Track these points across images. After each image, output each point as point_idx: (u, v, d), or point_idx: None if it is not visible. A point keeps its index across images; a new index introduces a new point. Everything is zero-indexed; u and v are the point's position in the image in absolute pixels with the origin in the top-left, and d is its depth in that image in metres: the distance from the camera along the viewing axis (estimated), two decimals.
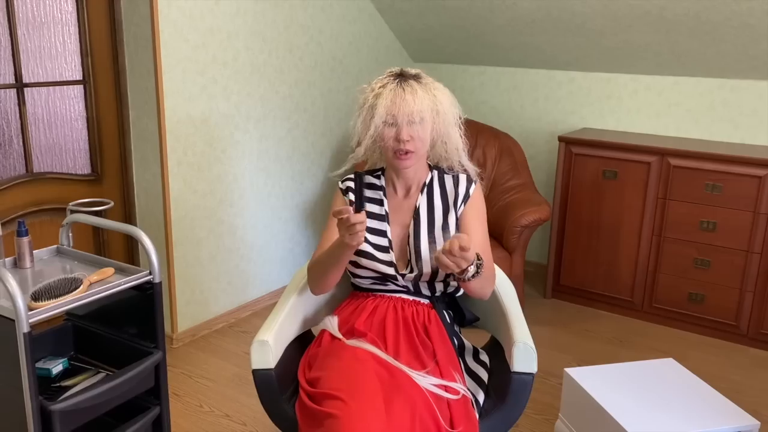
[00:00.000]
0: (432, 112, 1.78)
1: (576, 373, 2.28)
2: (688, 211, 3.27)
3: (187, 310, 3.16)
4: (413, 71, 1.83)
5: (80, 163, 2.93)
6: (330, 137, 3.82)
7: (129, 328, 1.83)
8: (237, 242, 3.34)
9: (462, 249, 1.53)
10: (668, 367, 2.35)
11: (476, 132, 3.68)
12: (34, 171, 2.76)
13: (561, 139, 3.56)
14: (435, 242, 1.84)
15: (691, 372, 2.32)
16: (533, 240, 3.99)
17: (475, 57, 4.07)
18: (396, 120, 1.75)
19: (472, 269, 1.64)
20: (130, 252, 3.12)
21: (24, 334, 1.43)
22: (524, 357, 1.72)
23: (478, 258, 1.66)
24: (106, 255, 3.01)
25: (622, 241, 3.48)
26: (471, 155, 3.71)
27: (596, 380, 2.23)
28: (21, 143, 2.71)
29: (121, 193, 3.07)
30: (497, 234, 3.35)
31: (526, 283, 3.95)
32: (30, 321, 1.45)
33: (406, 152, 1.77)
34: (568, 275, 3.69)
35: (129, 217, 3.10)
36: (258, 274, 3.49)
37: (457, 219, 1.86)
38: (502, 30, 3.71)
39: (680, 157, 3.24)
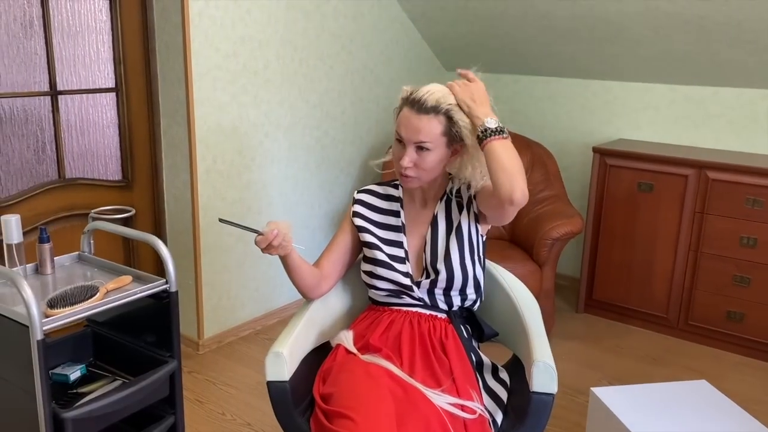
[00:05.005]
0: (446, 137, 1.72)
1: (602, 392, 2.21)
2: (727, 226, 3.15)
3: (214, 317, 3.17)
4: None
5: (111, 170, 2.97)
6: (360, 146, 3.81)
7: (147, 336, 1.84)
8: None
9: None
10: (701, 390, 2.27)
11: None
12: (67, 177, 2.81)
13: (595, 150, 3.48)
14: (450, 250, 1.79)
15: (725, 395, 2.23)
16: (567, 253, 3.91)
17: (509, 66, 4.01)
18: (404, 140, 1.73)
19: (491, 120, 1.65)
20: (158, 258, 3.14)
21: (38, 341, 1.44)
22: (544, 376, 1.66)
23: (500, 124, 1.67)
24: (135, 261, 3.05)
25: (657, 256, 3.38)
26: None
27: (624, 401, 2.16)
28: (54, 149, 2.76)
29: (152, 199, 3.10)
30: (527, 247, 3.29)
31: (559, 296, 3.87)
32: (44, 328, 1.46)
33: (407, 175, 1.74)
34: (602, 289, 3.60)
35: (159, 224, 3.13)
36: (285, 282, 3.44)
37: (475, 214, 1.82)
38: (536, 39, 3.65)
39: (719, 170, 3.13)
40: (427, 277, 1.81)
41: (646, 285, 3.44)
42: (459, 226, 1.82)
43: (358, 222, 1.89)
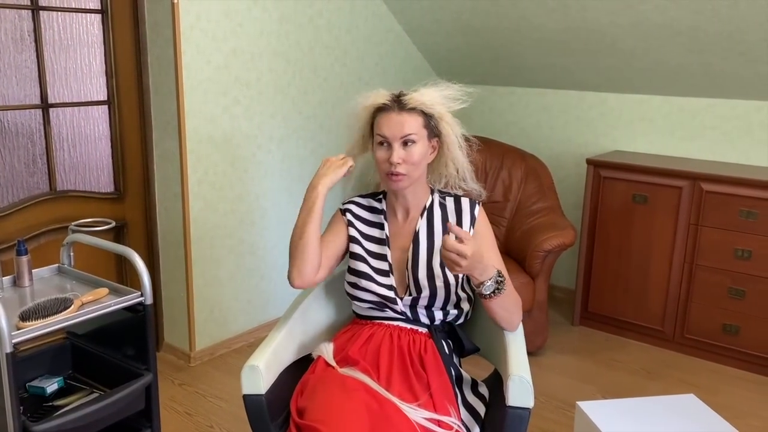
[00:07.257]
0: (426, 130, 1.78)
1: (588, 406, 2.19)
2: (722, 239, 3.12)
3: (206, 329, 3.17)
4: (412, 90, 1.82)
5: (104, 182, 2.98)
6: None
7: (126, 349, 1.83)
8: (257, 261, 3.35)
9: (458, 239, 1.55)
10: (689, 404, 2.24)
11: (502, 153, 3.61)
12: (58, 189, 2.83)
13: (589, 161, 3.47)
14: (433, 268, 1.79)
15: (717, 409, 2.20)
16: (563, 265, 3.89)
17: (504, 78, 4.01)
18: (389, 139, 1.74)
19: (489, 284, 1.63)
20: (153, 270, 3.15)
21: (7, 354, 1.44)
22: (520, 391, 1.64)
23: (499, 275, 1.65)
24: (127, 272, 3.05)
25: (652, 268, 3.35)
26: (497, 177, 3.64)
27: (609, 415, 2.13)
28: (45, 162, 2.78)
29: (144, 211, 3.11)
30: (520, 258, 3.27)
31: (555, 309, 3.85)
32: (14, 341, 1.46)
33: (398, 174, 1.75)
34: (597, 302, 3.57)
35: (151, 236, 3.13)
36: (278, 294, 3.48)
37: None
38: (531, 50, 3.64)
39: (713, 182, 3.11)
40: (410, 294, 1.81)
41: (642, 297, 3.41)
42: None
43: (352, 232, 1.89)
